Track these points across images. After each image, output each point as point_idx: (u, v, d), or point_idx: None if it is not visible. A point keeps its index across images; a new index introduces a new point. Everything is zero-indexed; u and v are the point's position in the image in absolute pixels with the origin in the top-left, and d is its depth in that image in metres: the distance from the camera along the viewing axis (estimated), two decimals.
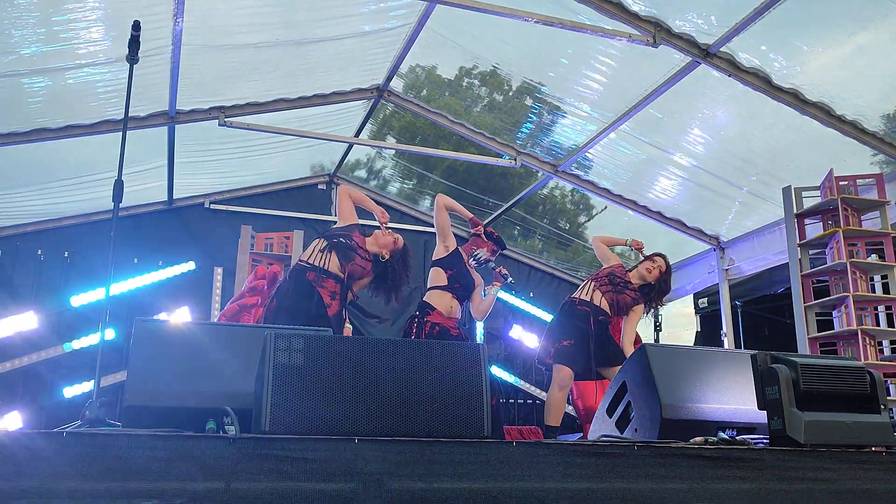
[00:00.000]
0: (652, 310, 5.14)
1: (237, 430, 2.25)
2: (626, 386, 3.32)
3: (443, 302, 4.72)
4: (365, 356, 2.42)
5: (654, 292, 5.06)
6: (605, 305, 4.97)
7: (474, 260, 4.88)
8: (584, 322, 4.87)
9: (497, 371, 7.95)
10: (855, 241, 5.35)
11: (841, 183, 5.40)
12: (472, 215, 5.08)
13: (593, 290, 4.98)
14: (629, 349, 4.91)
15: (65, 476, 2.00)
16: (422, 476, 2.24)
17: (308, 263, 4.37)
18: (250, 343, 2.79)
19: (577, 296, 5.04)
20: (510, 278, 4.96)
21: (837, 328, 5.31)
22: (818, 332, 5.41)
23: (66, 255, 7.16)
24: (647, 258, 5.14)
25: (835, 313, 5.41)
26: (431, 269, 4.91)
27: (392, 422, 2.38)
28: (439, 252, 4.86)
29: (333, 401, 2.34)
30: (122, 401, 2.85)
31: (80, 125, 5.71)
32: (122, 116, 3.50)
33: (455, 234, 4.97)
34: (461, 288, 4.80)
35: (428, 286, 4.87)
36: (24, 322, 6.65)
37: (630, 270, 5.11)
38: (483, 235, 4.96)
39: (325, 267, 4.36)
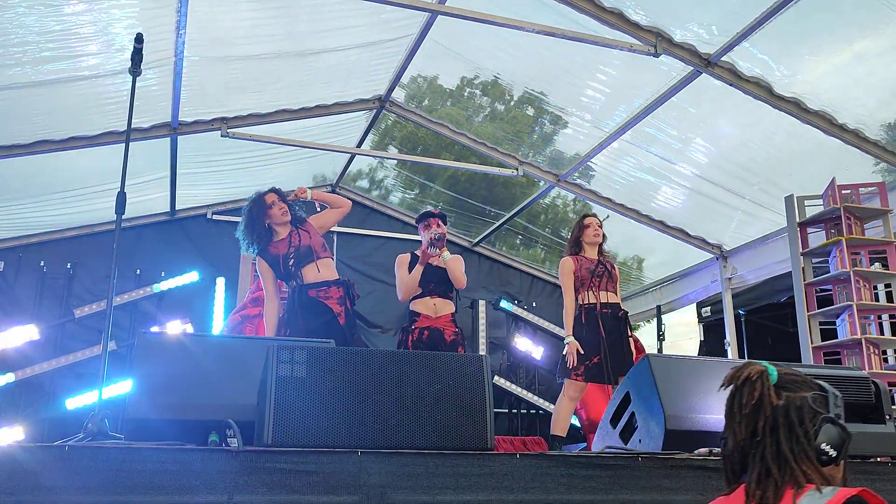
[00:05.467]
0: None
1: (240, 442, 2.25)
2: (629, 396, 3.31)
3: (425, 305, 4.84)
4: (367, 368, 2.42)
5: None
6: (615, 297, 5.04)
7: (429, 248, 4.87)
8: (612, 329, 4.87)
9: (501, 381, 7.94)
10: (858, 249, 5.34)
11: (843, 192, 5.39)
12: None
13: (598, 290, 4.98)
14: None
15: (67, 490, 2.00)
16: (425, 489, 2.24)
17: (307, 283, 4.39)
18: (253, 355, 2.79)
19: (590, 302, 4.98)
20: (433, 236, 4.86)
21: (841, 337, 5.29)
22: (822, 341, 5.39)
23: (68, 266, 7.17)
24: (581, 227, 5.19)
25: (838, 322, 5.39)
26: None
27: (395, 434, 2.37)
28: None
29: (336, 413, 2.33)
30: (124, 413, 2.85)
31: (82, 137, 5.73)
32: (125, 128, 3.51)
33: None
34: (435, 284, 4.86)
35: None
36: (26, 334, 6.66)
37: (577, 253, 5.13)
38: (419, 227, 5.10)
39: (317, 279, 4.40)
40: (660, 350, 7.49)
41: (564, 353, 4.90)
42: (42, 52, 4.70)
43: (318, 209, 4.90)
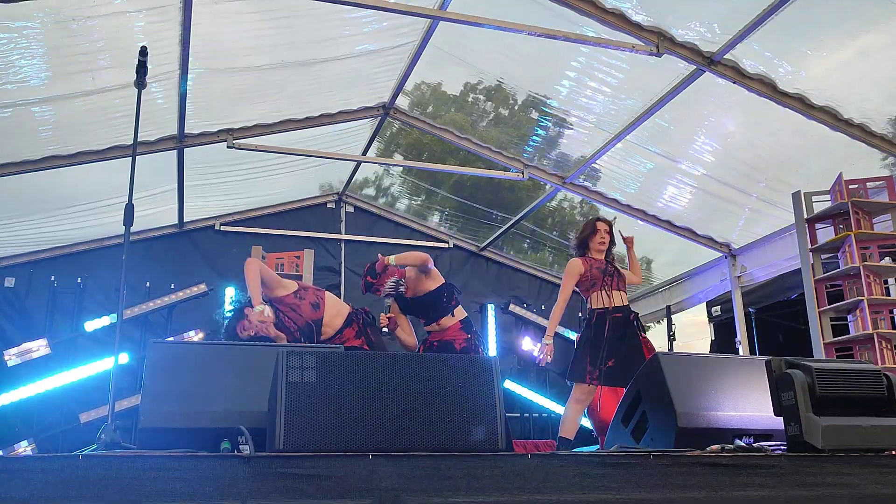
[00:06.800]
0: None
1: (252, 449, 2.26)
2: (640, 395, 3.31)
3: (431, 328, 4.89)
4: (377, 372, 2.42)
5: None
6: (625, 297, 5.03)
7: (395, 294, 4.79)
8: (622, 333, 4.85)
9: (511, 385, 7.92)
10: (867, 244, 5.32)
11: (851, 186, 5.37)
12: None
13: (611, 290, 4.96)
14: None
15: (81, 499, 2.01)
16: (438, 491, 2.23)
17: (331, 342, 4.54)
18: (263, 362, 2.80)
19: (602, 306, 4.94)
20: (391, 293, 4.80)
21: (853, 332, 5.26)
22: (833, 337, 5.36)
23: (79, 280, 7.22)
24: (591, 231, 5.17)
25: (850, 317, 5.36)
26: None
27: (406, 437, 2.37)
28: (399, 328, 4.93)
29: (347, 417, 2.33)
30: (136, 424, 2.86)
31: (90, 151, 5.78)
32: (132, 142, 3.54)
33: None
34: (424, 311, 4.87)
35: None
36: (38, 348, 6.69)
37: (585, 255, 5.12)
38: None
39: (329, 333, 4.55)
40: (670, 351, 7.46)
41: (539, 352, 4.98)
42: (49, 68, 4.75)
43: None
